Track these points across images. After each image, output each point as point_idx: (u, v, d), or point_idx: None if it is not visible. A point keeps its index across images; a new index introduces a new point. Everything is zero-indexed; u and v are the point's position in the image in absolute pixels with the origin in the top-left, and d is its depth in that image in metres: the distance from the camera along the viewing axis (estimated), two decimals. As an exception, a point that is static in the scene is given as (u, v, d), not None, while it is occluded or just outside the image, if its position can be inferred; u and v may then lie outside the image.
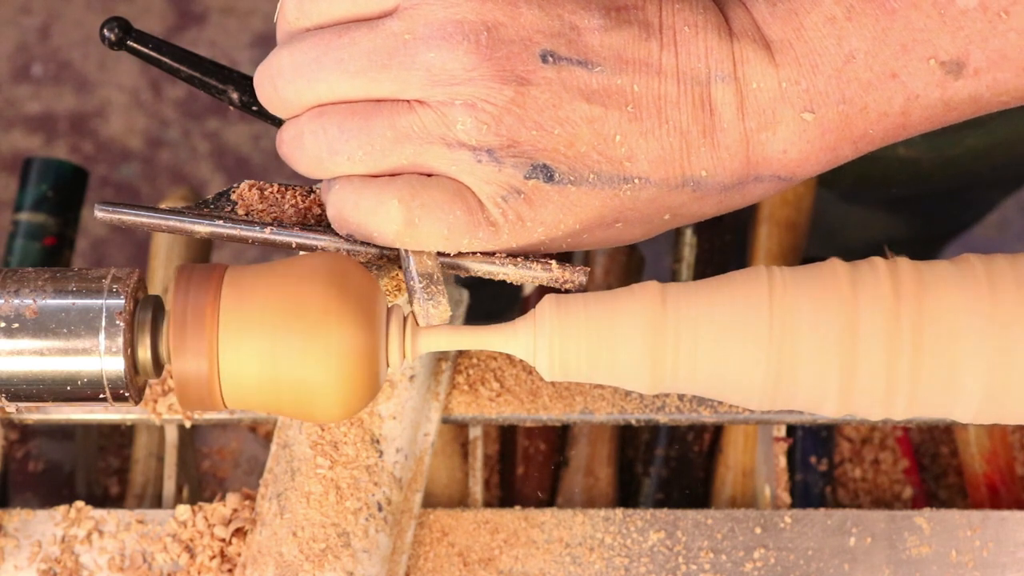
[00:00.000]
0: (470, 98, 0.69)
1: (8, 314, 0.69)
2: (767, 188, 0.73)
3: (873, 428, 0.98)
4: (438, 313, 0.72)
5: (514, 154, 0.70)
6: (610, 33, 0.70)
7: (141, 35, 0.76)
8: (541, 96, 0.70)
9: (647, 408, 0.88)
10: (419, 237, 0.71)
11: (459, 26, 0.69)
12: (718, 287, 0.71)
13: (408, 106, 0.70)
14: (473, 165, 0.70)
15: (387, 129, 0.70)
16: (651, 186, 0.72)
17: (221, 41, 2.12)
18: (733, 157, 0.72)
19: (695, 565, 0.85)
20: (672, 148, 0.71)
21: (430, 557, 0.85)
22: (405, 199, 0.71)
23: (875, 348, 0.69)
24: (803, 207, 1.05)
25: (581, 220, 0.72)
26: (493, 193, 0.71)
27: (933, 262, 0.72)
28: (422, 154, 0.71)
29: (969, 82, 0.71)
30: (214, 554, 0.84)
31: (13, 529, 0.86)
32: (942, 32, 0.70)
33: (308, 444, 0.83)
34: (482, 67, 0.69)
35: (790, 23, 0.71)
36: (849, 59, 0.70)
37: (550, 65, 0.70)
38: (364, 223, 0.72)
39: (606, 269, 1.04)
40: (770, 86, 0.71)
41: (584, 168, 0.71)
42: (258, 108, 0.77)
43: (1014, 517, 0.86)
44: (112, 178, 2.04)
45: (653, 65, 0.70)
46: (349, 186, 0.72)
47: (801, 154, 0.72)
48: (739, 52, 0.71)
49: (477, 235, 0.71)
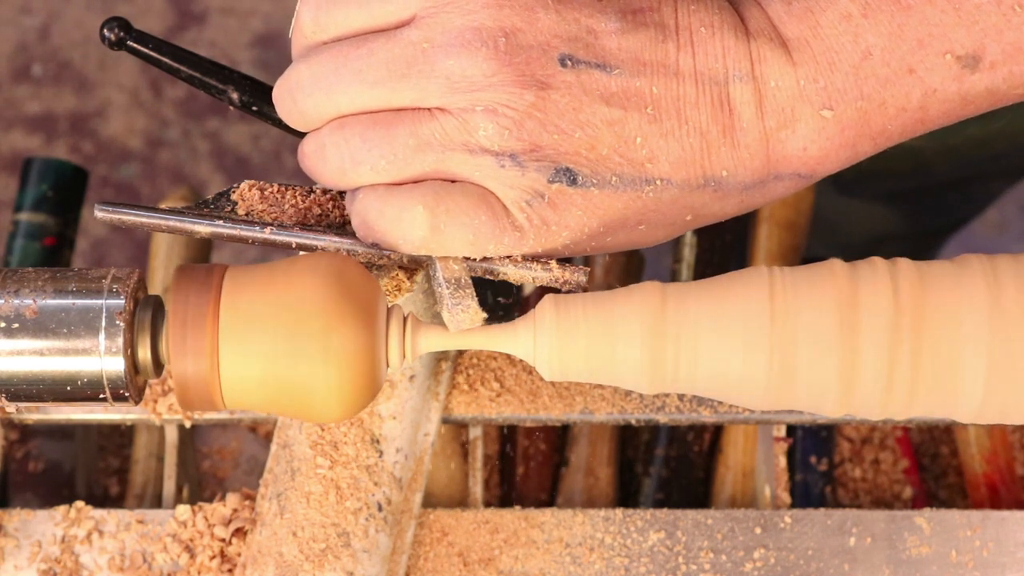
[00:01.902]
0: (491, 104, 0.69)
1: (8, 314, 0.69)
2: (788, 186, 0.74)
3: (873, 428, 0.98)
4: (468, 318, 0.72)
5: (537, 158, 0.70)
6: (627, 36, 0.70)
7: (141, 35, 0.76)
8: (561, 100, 0.70)
9: (647, 408, 0.88)
10: (445, 243, 0.71)
11: (477, 33, 0.69)
12: (718, 287, 0.71)
13: (429, 114, 0.70)
14: (496, 170, 0.70)
15: (409, 137, 0.70)
16: (673, 187, 0.72)
17: (221, 41, 2.12)
18: (753, 156, 0.72)
19: (695, 565, 0.85)
20: (692, 149, 0.71)
21: (430, 557, 0.85)
22: (430, 205, 0.71)
23: (875, 348, 0.69)
24: (803, 207, 1.05)
25: (604, 223, 0.72)
26: (517, 197, 0.71)
27: (933, 262, 0.72)
28: (445, 161, 0.71)
29: (985, 75, 0.71)
30: (214, 554, 0.84)
31: (13, 529, 0.86)
32: (957, 26, 0.70)
33: (308, 444, 0.83)
34: (502, 73, 0.69)
35: (806, 21, 0.71)
36: (866, 56, 0.71)
37: (569, 69, 0.70)
38: (390, 231, 0.72)
39: (606, 269, 1.04)
40: (788, 84, 0.71)
41: (606, 171, 0.71)
42: (258, 108, 0.77)
43: (1014, 517, 0.86)
44: (112, 178, 2.04)
45: (671, 66, 0.71)
46: (373, 195, 0.72)
47: (821, 151, 0.72)
48: (756, 51, 0.71)
49: (503, 240, 0.72)
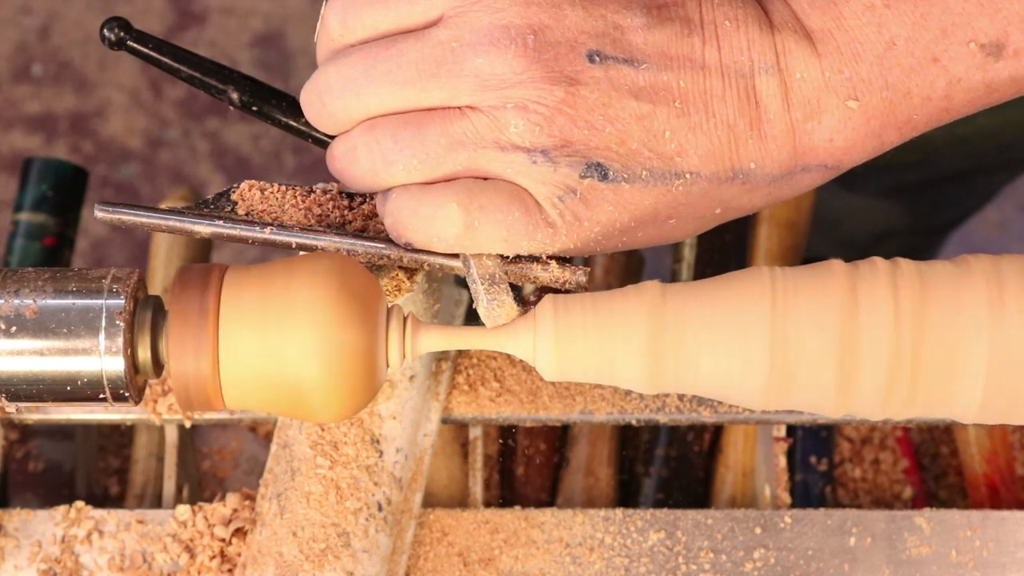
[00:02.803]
0: (521, 100, 0.70)
1: (8, 314, 0.69)
2: (815, 178, 0.74)
3: (873, 428, 0.98)
4: (503, 313, 0.72)
5: (568, 154, 0.70)
6: (653, 31, 0.71)
7: (141, 35, 0.76)
8: (591, 95, 0.70)
9: (647, 408, 0.88)
10: (479, 240, 0.72)
11: (506, 31, 0.69)
12: (718, 287, 0.71)
13: (460, 112, 0.70)
14: (528, 167, 0.71)
15: (441, 136, 0.71)
16: (702, 180, 0.72)
17: (221, 41, 2.12)
18: (780, 148, 0.72)
19: (695, 565, 0.85)
20: (720, 141, 0.71)
21: (430, 557, 0.85)
22: (464, 202, 0.71)
23: (875, 348, 0.69)
24: (803, 207, 1.05)
25: (636, 217, 0.72)
26: (549, 193, 0.71)
27: (933, 262, 0.72)
28: (477, 159, 0.71)
29: (1010, 63, 0.71)
30: (214, 554, 0.84)
31: (13, 529, 0.86)
32: (980, 15, 0.70)
33: (308, 444, 0.83)
34: (531, 69, 0.69)
35: (829, 12, 0.71)
36: (890, 46, 0.71)
37: (597, 65, 0.70)
38: (424, 229, 0.72)
39: (606, 269, 1.04)
40: (814, 76, 0.71)
41: (636, 165, 0.71)
42: (258, 108, 0.77)
43: (1014, 517, 0.86)
44: (112, 178, 2.04)
45: (697, 60, 0.71)
46: (406, 194, 0.72)
47: (847, 142, 0.72)
48: (781, 43, 0.71)
49: (536, 236, 0.72)
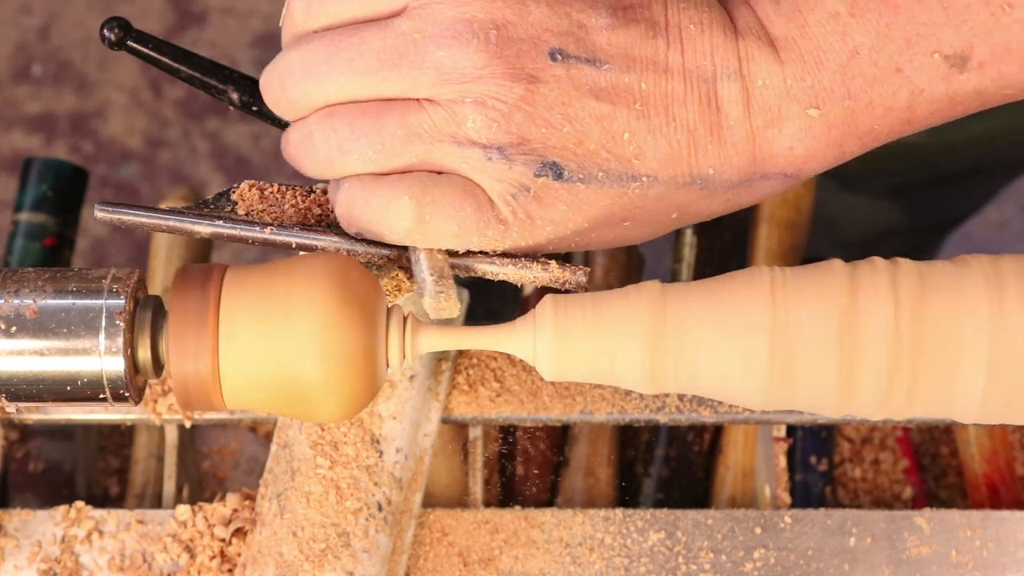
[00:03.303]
0: (480, 96, 0.69)
1: (8, 314, 0.69)
2: (774, 186, 0.74)
3: (873, 428, 0.98)
4: (449, 307, 0.72)
5: (524, 152, 0.70)
6: (617, 31, 0.70)
7: (141, 35, 0.76)
8: (551, 94, 0.70)
9: (647, 408, 0.88)
10: (430, 234, 0.71)
11: (469, 24, 0.69)
12: (718, 287, 0.71)
13: (418, 105, 0.70)
14: (483, 163, 0.70)
15: (398, 128, 0.70)
16: (659, 184, 0.72)
17: (221, 41, 2.12)
18: (740, 155, 0.72)
19: (695, 565, 0.85)
20: (680, 146, 0.71)
21: (430, 557, 0.85)
22: (416, 196, 0.71)
23: (875, 348, 0.69)
24: (803, 207, 1.05)
25: (590, 218, 0.72)
26: (503, 191, 0.71)
27: (933, 262, 0.72)
28: (432, 152, 0.71)
29: (973, 76, 0.71)
30: (214, 554, 0.84)
31: (13, 529, 0.86)
32: (946, 26, 0.70)
33: (308, 444, 0.83)
34: (492, 65, 0.69)
35: (794, 20, 0.71)
36: (853, 55, 0.70)
37: (559, 63, 0.70)
38: (375, 221, 0.72)
39: (606, 269, 1.04)
40: (775, 83, 0.71)
41: (593, 166, 0.71)
42: (258, 108, 0.77)
43: (1014, 517, 0.86)
44: (112, 178, 2.04)
45: (660, 63, 0.71)
46: (359, 184, 0.72)
47: (807, 150, 0.72)
48: (744, 50, 0.71)
49: (487, 233, 0.72)
